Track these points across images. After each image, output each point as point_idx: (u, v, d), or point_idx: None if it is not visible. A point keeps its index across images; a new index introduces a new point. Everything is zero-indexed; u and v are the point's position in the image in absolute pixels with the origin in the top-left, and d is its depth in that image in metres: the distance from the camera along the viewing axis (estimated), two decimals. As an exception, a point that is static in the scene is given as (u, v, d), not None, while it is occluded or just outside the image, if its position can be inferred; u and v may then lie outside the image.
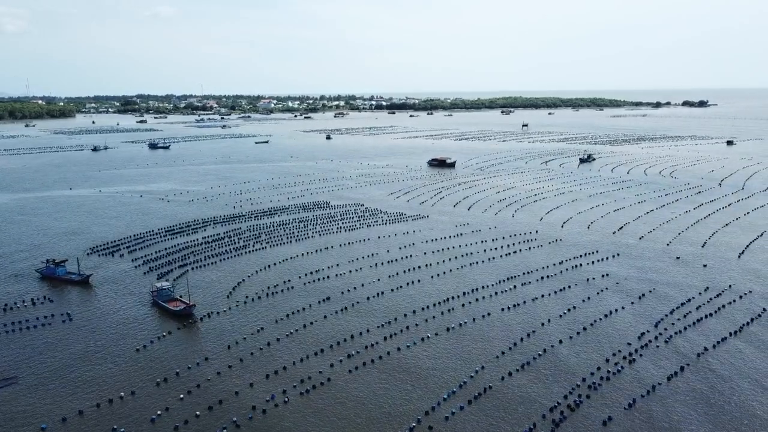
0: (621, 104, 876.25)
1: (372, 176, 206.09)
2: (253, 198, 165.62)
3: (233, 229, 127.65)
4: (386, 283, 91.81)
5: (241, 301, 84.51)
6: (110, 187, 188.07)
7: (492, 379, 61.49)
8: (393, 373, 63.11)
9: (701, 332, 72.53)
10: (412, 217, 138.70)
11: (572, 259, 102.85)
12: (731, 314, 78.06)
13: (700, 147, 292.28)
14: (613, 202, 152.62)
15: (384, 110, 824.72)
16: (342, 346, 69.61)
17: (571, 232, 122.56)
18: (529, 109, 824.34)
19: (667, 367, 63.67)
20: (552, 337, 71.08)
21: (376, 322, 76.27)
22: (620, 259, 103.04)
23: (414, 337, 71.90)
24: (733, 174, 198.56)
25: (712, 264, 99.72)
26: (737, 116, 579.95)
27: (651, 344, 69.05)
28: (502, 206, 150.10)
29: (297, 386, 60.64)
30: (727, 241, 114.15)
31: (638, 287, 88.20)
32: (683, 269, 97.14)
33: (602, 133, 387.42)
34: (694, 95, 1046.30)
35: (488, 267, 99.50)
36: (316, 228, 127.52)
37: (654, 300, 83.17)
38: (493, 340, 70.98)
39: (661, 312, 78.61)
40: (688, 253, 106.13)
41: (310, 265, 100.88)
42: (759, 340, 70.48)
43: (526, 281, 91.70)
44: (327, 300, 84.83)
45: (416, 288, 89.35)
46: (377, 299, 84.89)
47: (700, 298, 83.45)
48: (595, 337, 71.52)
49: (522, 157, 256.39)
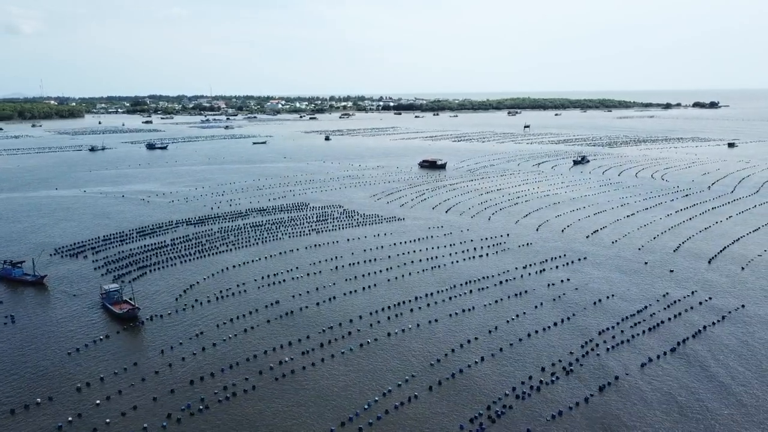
0: (630, 105, 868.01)
1: (359, 178, 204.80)
2: (234, 199, 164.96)
3: (204, 230, 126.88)
4: (337, 288, 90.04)
5: (189, 305, 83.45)
6: (96, 187, 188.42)
7: (400, 398, 58.13)
8: (295, 393, 59.61)
9: (635, 348, 68.52)
10: (386, 219, 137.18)
11: (536, 264, 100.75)
12: (676, 327, 74.93)
13: (700, 149, 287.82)
14: (594, 206, 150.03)
15: (391, 111, 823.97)
16: (260, 358, 67.21)
17: (544, 236, 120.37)
18: (537, 110, 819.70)
19: (581, 390, 59.25)
20: (475, 354, 67.35)
21: (303, 333, 73.37)
22: (585, 264, 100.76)
23: (334, 350, 68.67)
24: (726, 177, 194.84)
25: (680, 270, 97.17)
26: (746, 118, 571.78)
27: (579, 362, 65.27)
28: (482, 209, 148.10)
29: (218, 393, 59.47)
30: (700, 246, 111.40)
31: (593, 295, 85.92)
32: (647, 275, 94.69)
33: (604, 135, 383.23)
34: (705, 96, 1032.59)
35: (443, 272, 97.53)
36: (287, 230, 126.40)
37: (601, 311, 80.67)
38: (412, 356, 67.42)
39: (605, 323, 76.09)
40: (658, 258, 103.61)
41: (270, 269, 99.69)
42: (694, 359, 65.69)
43: (481, 287, 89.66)
44: (276, 303, 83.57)
45: (361, 296, 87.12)
46: (321, 306, 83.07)
47: (652, 308, 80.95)
48: (521, 353, 67.55)
49: (516, 159, 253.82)
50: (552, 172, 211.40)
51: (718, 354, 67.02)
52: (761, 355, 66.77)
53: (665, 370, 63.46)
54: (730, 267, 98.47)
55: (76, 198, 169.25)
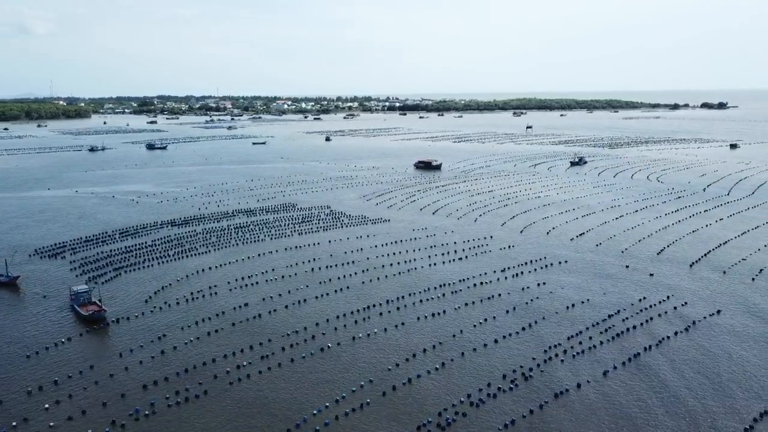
0: (637, 106, 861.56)
1: (353, 178, 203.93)
2: (223, 200, 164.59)
3: (187, 232, 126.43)
4: (309, 291, 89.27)
5: (157, 307, 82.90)
6: (89, 187, 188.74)
7: (352, 404, 57.14)
8: (246, 398, 58.66)
9: (596, 357, 66.95)
10: (372, 221, 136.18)
11: (514, 268, 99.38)
12: (643, 335, 73.10)
13: (701, 150, 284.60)
14: (584, 208, 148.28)
15: (396, 112, 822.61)
16: (219, 363, 66.34)
17: (528, 239, 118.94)
18: (543, 111, 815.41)
19: (535, 400, 57.69)
20: (436, 360, 66.12)
21: (267, 337, 72.58)
22: (564, 268, 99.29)
23: (294, 355, 67.68)
24: (723, 179, 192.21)
25: (660, 274, 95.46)
26: (753, 119, 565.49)
27: (540, 369, 64.07)
28: (469, 211, 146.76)
29: (169, 398, 58.74)
30: (685, 249, 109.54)
31: (567, 300, 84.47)
32: (625, 279, 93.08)
33: (606, 135, 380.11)
34: (714, 97, 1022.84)
35: (418, 276, 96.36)
36: (270, 232, 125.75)
37: (571, 317, 79.20)
38: (372, 361, 66.29)
39: (572, 330, 74.65)
40: (640, 262, 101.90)
41: (245, 271, 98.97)
42: (653, 370, 63.60)
43: (454, 290, 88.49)
44: (244, 306, 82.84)
45: (332, 299, 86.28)
46: (290, 309, 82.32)
47: (624, 313, 79.36)
48: (482, 360, 66.26)
49: (513, 160, 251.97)
50: (547, 174, 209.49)
51: (680, 364, 65.06)
52: (723, 366, 64.70)
53: (621, 381, 61.72)
54: (712, 272, 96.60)
55: (67, 198, 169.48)
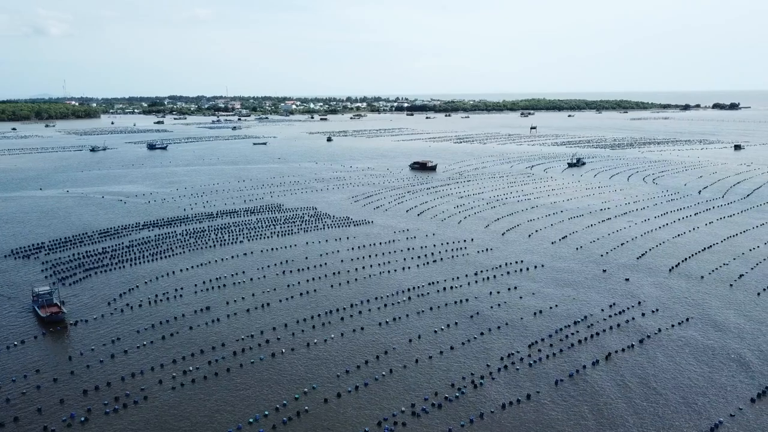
0: (648, 107, 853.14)
1: (346, 179, 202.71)
2: (211, 201, 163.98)
3: (166, 233, 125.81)
4: (275, 294, 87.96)
5: (119, 309, 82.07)
6: (80, 188, 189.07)
7: (290, 412, 55.76)
8: (185, 404, 57.51)
9: (539, 371, 64.25)
10: (355, 223, 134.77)
11: (488, 271, 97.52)
12: (601, 344, 71.32)
13: (704, 152, 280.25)
14: (572, 210, 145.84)
15: (404, 112, 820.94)
16: (167, 367, 65.37)
17: (508, 242, 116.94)
18: (552, 111, 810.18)
19: (466, 414, 55.59)
20: (385, 367, 64.23)
21: (221, 341, 71.41)
22: (539, 272, 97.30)
23: (244, 360, 66.57)
24: (720, 181, 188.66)
25: (636, 279, 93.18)
26: (764, 119, 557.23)
27: (483, 379, 62.13)
28: (456, 213, 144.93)
29: (108, 404, 57.72)
30: (667, 254, 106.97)
31: (535, 306, 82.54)
32: (600, 285, 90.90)
33: (610, 136, 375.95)
34: (726, 97, 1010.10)
35: (388, 280, 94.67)
36: (251, 233, 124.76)
37: (535, 324, 77.33)
38: (320, 367, 64.74)
39: (532, 338, 72.76)
40: (618, 267, 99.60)
41: (215, 273, 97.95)
42: (596, 386, 60.69)
43: (421, 294, 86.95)
44: (206, 310, 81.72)
45: (296, 302, 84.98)
46: (251, 313, 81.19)
47: (589, 320, 77.34)
48: (431, 369, 64.46)
49: (511, 161, 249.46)
50: (542, 176, 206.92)
51: (630, 378, 62.43)
52: (672, 381, 61.66)
53: (563, 396, 59.55)
54: (689, 278, 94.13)
55: (57, 199, 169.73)
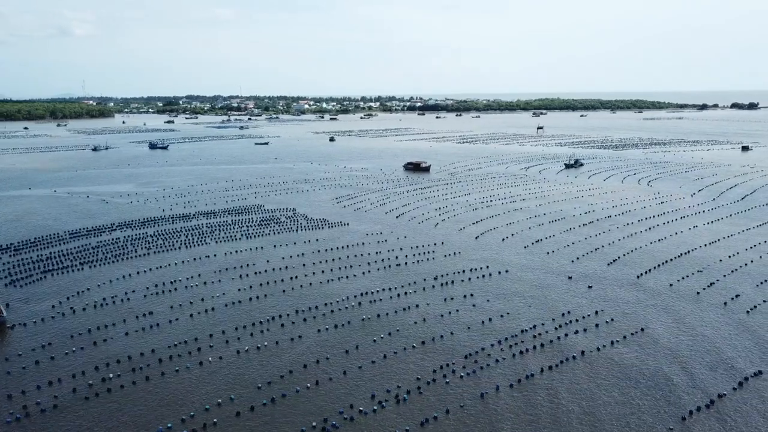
0: (664, 106, 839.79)
1: (336, 179, 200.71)
2: (193, 201, 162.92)
3: (138, 233, 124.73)
4: (223, 299, 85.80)
5: (61, 312, 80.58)
6: (69, 187, 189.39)
7: (197, 424, 53.49)
8: (94, 413, 55.68)
9: (483, 378, 62.75)
10: (330, 225, 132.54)
11: (448, 275, 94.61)
12: (545, 354, 68.33)
13: (710, 153, 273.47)
14: (555, 213, 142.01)
15: (415, 112, 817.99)
16: (89, 374, 63.47)
17: (480, 246, 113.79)
18: (565, 111, 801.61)
19: (401, 425, 53.28)
20: (294, 385, 60.52)
21: (152, 347, 69.52)
22: (502, 278, 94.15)
23: (169, 368, 64.41)
24: (717, 184, 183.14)
25: (600, 286, 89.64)
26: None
27: (420, 390, 59.78)
28: (436, 215, 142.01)
29: (28, 407, 56.23)
30: (641, 259, 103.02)
31: (487, 313, 79.42)
32: (561, 291, 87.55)
33: (616, 137, 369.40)
34: (748, 97, 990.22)
35: (346, 284, 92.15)
36: (221, 234, 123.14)
37: (482, 331, 74.18)
38: (246, 376, 62.49)
39: (475, 346, 69.86)
40: (586, 273, 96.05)
41: (172, 275, 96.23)
42: (534, 397, 58.53)
43: (373, 300, 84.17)
44: (149, 315, 80.00)
45: (243, 308, 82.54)
46: (194, 318, 79.14)
47: (538, 329, 74.05)
48: (364, 378, 61.93)
49: (509, 162, 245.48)
50: (536, 177, 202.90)
51: (564, 395, 59.10)
52: (586, 407, 58.13)
53: (494, 408, 57.08)
54: (658, 284, 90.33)
55: (42, 198, 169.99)
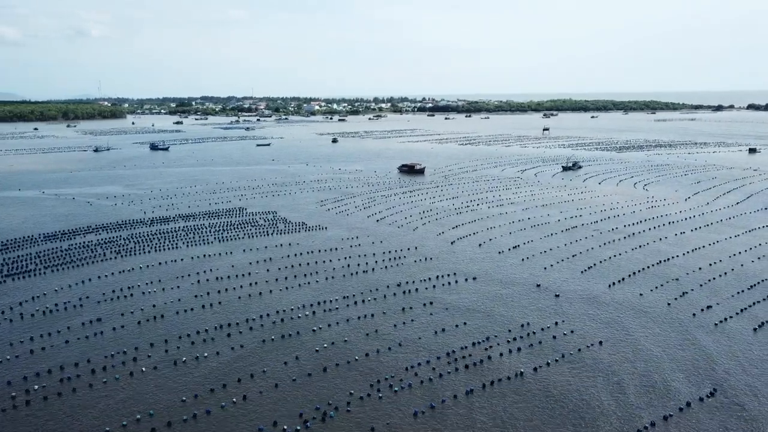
0: (678, 107, 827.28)
1: (327, 181, 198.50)
2: (177, 203, 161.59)
3: (112, 236, 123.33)
4: (177, 306, 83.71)
5: (8, 319, 78.92)
6: (58, 189, 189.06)
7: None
8: (24, 422, 54.62)
9: (413, 395, 60.09)
10: (308, 228, 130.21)
11: (416, 282, 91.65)
12: (489, 370, 65.43)
13: (715, 155, 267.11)
14: (539, 218, 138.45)
15: (425, 113, 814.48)
16: (30, 380, 62.14)
17: (455, 251, 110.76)
18: (577, 112, 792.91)
19: None
20: (243, 391, 59.58)
21: (96, 354, 68.08)
22: (469, 285, 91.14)
23: (109, 376, 62.95)
24: (715, 188, 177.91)
25: (568, 296, 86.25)
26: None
27: (348, 406, 57.30)
28: (417, 218, 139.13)
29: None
30: (615, 269, 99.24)
31: (443, 322, 76.56)
32: (526, 300, 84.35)
33: (622, 138, 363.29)
34: (765, 98, 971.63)
35: (307, 291, 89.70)
36: (194, 238, 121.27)
37: (431, 343, 71.40)
38: (181, 386, 60.60)
39: (418, 359, 66.98)
40: (556, 281, 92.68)
41: (133, 280, 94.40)
42: (453, 422, 56.30)
43: (330, 309, 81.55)
44: (97, 321, 78.13)
45: (195, 315, 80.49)
46: (142, 326, 77.15)
47: (491, 342, 71.00)
48: (297, 392, 59.95)
49: (506, 164, 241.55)
50: (531, 180, 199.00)
51: (493, 416, 56.25)
52: (532, 425, 55.50)
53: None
54: (628, 294, 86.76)
55: (27, 199, 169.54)
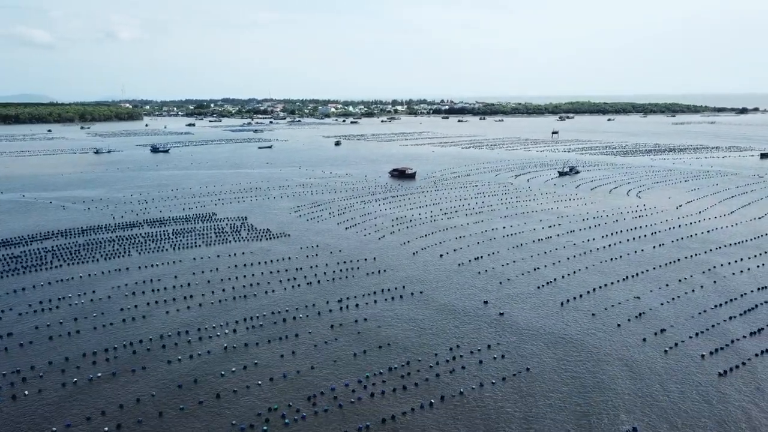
0: (701, 110, 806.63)
1: (311, 186, 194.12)
2: (150, 208, 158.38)
3: (70, 242, 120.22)
4: (97, 320, 79.52)
5: None
6: (41, 192, 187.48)
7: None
8: None
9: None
10: (271, 236, 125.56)
11: (358, 297, 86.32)
12: (378, 405, 60.18)
13: (725, 160, 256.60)
14: (519, 225, 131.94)
15: (440, 115, 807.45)
16: None
17: (414, 262, 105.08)
18: (595, 115, 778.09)
19: None
20: (154, 408, 56.02)
21: (23, 365, 64.83)
22: (414, 299, 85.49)
23: (31, 388, 59.71)
24: (713, 195, 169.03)
25: (514, 314, 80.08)
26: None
27: None
28: (389, 226, 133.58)
29: None
30: (575, 284, 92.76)
31: (373, 341, 71.09)
32: (467, 318, 78.42)
33: (632, 142, 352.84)
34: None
35: (244, 303, 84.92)
36: (149, 245, 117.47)
37: (351, 364, 66.19)
38: (110, 401, 57.35)
39: (335, 382, 62.01)
40: (507, 297, 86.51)
41: (66, 291, 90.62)
42: None
43: (262, 324, 76.69)
44: (6, 337, 74.37)
45: (130, 326, 76.75)
46: (71, 337, 73.40)
47: (411, 367, 65.47)
48: (209, 411, 56.09)
49: (502, 169, 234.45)
50: (521, 185, 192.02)
51: None
52: None
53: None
54: (580, 313, 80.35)
55: (5, 203, 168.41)
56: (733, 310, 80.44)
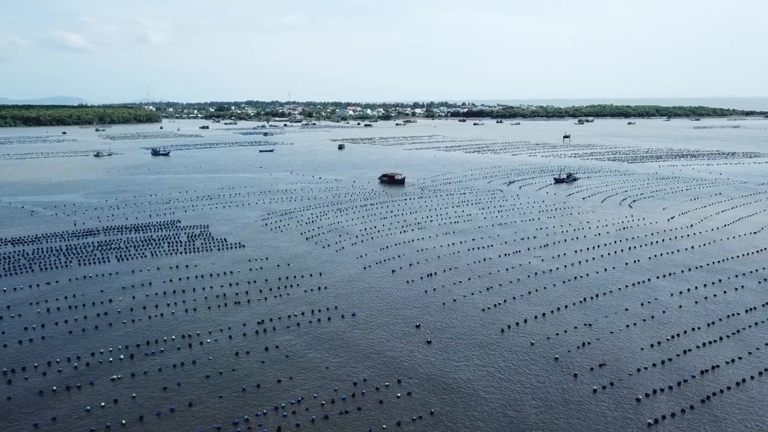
0: (728, 113, 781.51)
1: (293, 192, 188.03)
2: (119, 214, 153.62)
3: (17, 250, 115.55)
4: (24, 335, 74.18)
5: None
6: (17, 197, 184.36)
7: None
8: None
9: None
10: (226, 246, 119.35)
11: (284, 319, 79.42)
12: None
13: (736, 167, 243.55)
14: (491, 238, 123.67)
15: (458, 118, 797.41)
16: None
17: (361, 279, 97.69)
18: (617, 118, 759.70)
19: None
20: None
21: None
22: (344, 322, 78.02)
23: None
24: (711, 206, 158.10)
25: (444, 341, 72.15)
26: None
27: None
28: (354, 237, 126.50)
29: None
30: (527, 304, 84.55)
31: (270, 375, 64.13)
32: (385, 348, 70.89)
33: (644, 147, 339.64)
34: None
35: (165, 322, 78.93)
36: (92, 256, 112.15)
37: (263, 395, 59.45)
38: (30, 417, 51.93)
39: (248, 412, 55.24)
40: (442, 322, 78.60)
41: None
42: None
43: (154, 350, 70.33)
44: None
45: (28, 347, 71.15)
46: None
47: (300, 405, 58.30)
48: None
49: (498, 175, 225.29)
50: (511, 193, 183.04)
51: None
52: None
53: None
54: (518, 343, 72.05)
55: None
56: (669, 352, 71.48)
